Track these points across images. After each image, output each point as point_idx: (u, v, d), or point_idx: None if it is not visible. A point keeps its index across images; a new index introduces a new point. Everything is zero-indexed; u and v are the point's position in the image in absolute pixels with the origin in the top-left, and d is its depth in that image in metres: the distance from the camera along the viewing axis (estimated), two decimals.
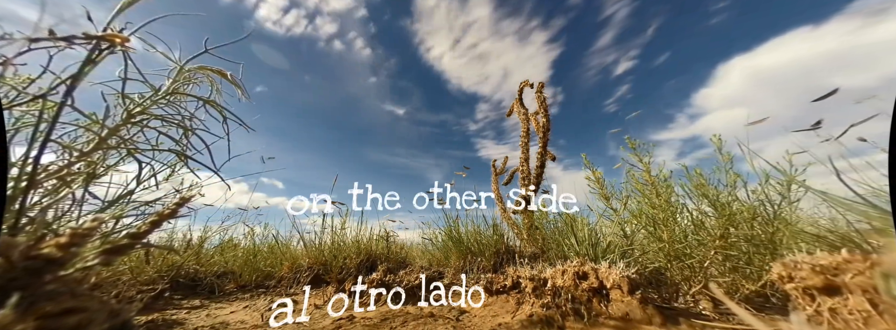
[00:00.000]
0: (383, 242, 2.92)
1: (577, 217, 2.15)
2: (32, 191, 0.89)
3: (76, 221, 1.09)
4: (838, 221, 1.42)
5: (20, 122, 1.00)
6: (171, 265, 2.34)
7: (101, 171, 1.21)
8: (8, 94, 0.94)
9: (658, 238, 1.61)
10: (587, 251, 1.85)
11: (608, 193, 2.02)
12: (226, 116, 1.40)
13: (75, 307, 0.60)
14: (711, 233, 1.50)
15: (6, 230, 0.79)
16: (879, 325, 0.79)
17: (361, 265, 2.61)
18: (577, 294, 1.37)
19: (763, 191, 1.49)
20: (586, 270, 1.42)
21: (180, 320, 1.67)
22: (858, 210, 1.06)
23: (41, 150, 0.84)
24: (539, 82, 3.02)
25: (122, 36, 0.92)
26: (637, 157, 1.82)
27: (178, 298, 2.17)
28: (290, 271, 2.62)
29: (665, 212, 1.57)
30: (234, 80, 1.43)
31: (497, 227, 2.66)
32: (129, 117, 1.16)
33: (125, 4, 0.95)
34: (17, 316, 0.54)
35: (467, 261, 2.53)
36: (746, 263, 1.44)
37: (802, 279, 0.96)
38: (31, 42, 0.84)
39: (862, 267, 0.86)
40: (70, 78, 0.89)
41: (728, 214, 1.44)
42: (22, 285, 0.59)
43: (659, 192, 1.65)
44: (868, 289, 0.83)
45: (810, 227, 1.51)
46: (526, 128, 3.18)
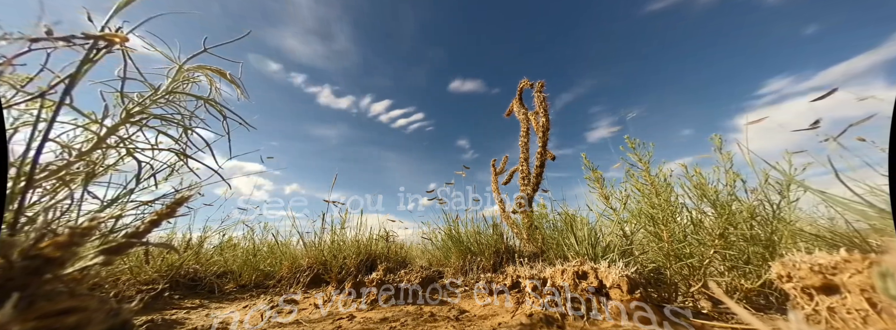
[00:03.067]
0: (383, 242, 2.92)
1: (577, 217, 2.15)
2: (31, 190, 0.88)
3: (75, 221, 1.09)
4: (837, 220, 1.42)
5: (19, 122, 1.00)
6: (170, 265, 2.34)
7: (101, 170, 1.21)
8: (7, 94, 0.94)
9: (657, 237, 1.61)
10: (587, 251, 1.85)
11: (608, 193, 2.02)
12: (226, 115, 1.40)
13: (74, 307, 0.60)
14: (711, 232, 1.50)
15: (5, 230, 0.79)
16: (877, 324, 0.79)
17: (361, 265, 2.61)
18: (577, 293, 1.37)
19: (762, 190, 1.49)
20: (586, 270, 1.42)
21: (180, 320, 1.67)
22: (857, 210, 1.06)
23: (40, 149, 0.84)
24: (539, 82, 3.02)
25: (121, 35, 0.92)
26: (637, 156, 1.82)
27: (178, 298, 2.17)
28: (289, 271, 2.62)
29: (664, 211, 1.58)
30: (233, 79, 1.43)
31: (497, 226, 2.66)
32: (128, 116, 1.16)
33: (122, 4, 0.95)
34: (17, 315, 0.54)
35: (467, 260, 2.53)
36: (745, 262, 1.45)
37: (801, 278, 0.96)
38: (30, 42, 0.84)
39: (860, 266, 0.86)
40: (68, 77, 0.88)
41: (727, 213, 1.44)
42: (21, 285, 0.59)
43: (658, 191, 1.65)
44: (866, 288, 0.83)
45: (809, 226, 1.52)
46: (526, 127, 3.19)
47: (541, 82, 3.01)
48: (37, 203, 0.99)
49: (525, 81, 3.25)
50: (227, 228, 3.02)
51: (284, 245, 2.99)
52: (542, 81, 3.01)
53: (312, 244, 2.73)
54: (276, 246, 2.98)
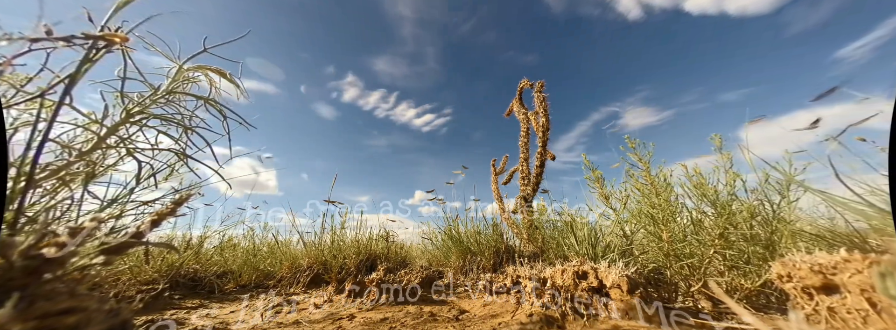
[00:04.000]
0: (383, 242, 2.92)
1: (577, 217, 2.15)
2: (31, 190, 0.88)
3: (75, 221, 1.09)
4: (837, 220, 1.42)
5: (19, 122, 1.00)
6: (170, 265, 2.33)
7: (101, 170, 1.21)
8: (6, 93, 0.94)
9: (657, 237, 1.61)
10: (587, 251, 1.85)
11: (607, 193, 2.02)
12: (226, 115, 1.40)
13: (74, 307, 0.60)
14: (710, 232, 1.50)
15: (5, 230, 0.79)
16: (877, 323, 0.79)
17: (361, 265, 2.61)
18: (577, 293, 1.37)
19: (762, 190, 1.49)
20: (586, 270, 1.42)
21: (180, 320, 1.67)
22: (856, 209, 1.06)
23: (39, 149, 0.84)
24: (539, 82, 3.02)
25: (121, 35, 0.92)
26: (636, 156, 1.82)
27: (178, 298, 2.17)
28: (289, 271, 2.62)
29: (664, 211, 1.58)
30: (232, 79, 1.43)
31: (497, 226, 2.66)
32: (128, 116, 1.16)
33: (122, 3, 0.95)
34: (17, 315, 0.54)
35: (467, 260, 2.53)
36: (745, 262, 1.45)
37: (801, 278, 0.96)
38: (30, 42, 0.84)
39: (860, 266, 0.86)
40: (68, 77, 0.88)
41: (727, 213, 1.44)
42: (21, 285, 0.59)
43: (658, 191, 1.65)
44: (866, 288, 0.83)
45: (809, 226, 1.51)
46: (526, 127, 3.19)
47: (541, 82, 3.01)
48: (37, 203, 0.99)
49: (525, 81, 3.25)
50: (227, 227, 3.02)
51: (284, 245, 2.99)
52: (541, 81, 3.01)
53: (312, 244, 2.73)
54: (276, 246, 2.98)
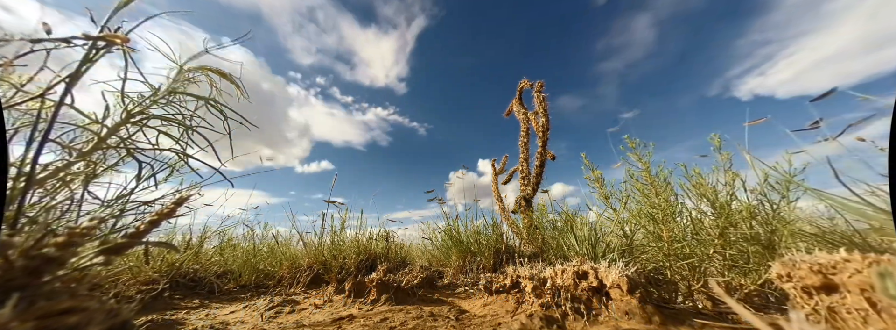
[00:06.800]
0: (383, 242, 2.92)
1: (577, 217, 2.15)
2: (31, 191, 0.88)
3: (75, 221, 1.09)
4: (837, 220, 1.42)
5: (19, 122, 1.00)
6: (170, 265, 2.34)
7: (101, 170, 1.21)
8: (7, 94, 0.94)
9: (657, 237, 1.61)
10: (587, 251, 1.85)
11: (607, 193, 2.02)
12: (227, 116, 1.40)
13: (74, 307, 0.60)
14: (710, 232, 1.50)
15: (5, 230, 0.79)
16: (877, 323, 0.79)
17: (361, 265, 2.61)
18: (577, 293, 1.37)
19: (762, 190, 1.49)
20: (586, 270, 1.42)
21: (180, 320, 1.67)
22: (856, 209, 1.06)
23: (40, 149, 0.84)
24: (539, 82, 3.02)
25: (122, 36, 0.92)
26: (636, 156, 1.82)
27: (178, 298, 2.17)
28: (289, 271, 2.62)
29: (664, 211, 1.58)
30: (233, 80, 1.43)
31: (497, 226, 2.66)
32: (129, 117, 1.16)
33: (122, 4, 0.95)
34: (17, 315, 0.54)
35: (467, 260, 2.53)
36: (745, 261, 1.45)
37: (801, 278, 0.96)
38: (31, 42, 0.84)
39: (860, 266, 0.86)
40: (68, 77, 0.89)
41: (727, 213, 1.44)
42: (21, 285, 0.59)
43: (658, 191, 1.65)
44: (866, 288, 0.83)
45: (809, 226, 1.51)
46: (526, 127, 3.19)
47: (540, 82, 3.01)
48: (37, 203, 1.00)
49: (525, 81, 3.25)
50: (227, 228, 3.02)
51: (284, 245, 2.99)
52: (541, 81, 3.01)
53: (312, 244, 2.73)
54: (277, 246, 2.98)
